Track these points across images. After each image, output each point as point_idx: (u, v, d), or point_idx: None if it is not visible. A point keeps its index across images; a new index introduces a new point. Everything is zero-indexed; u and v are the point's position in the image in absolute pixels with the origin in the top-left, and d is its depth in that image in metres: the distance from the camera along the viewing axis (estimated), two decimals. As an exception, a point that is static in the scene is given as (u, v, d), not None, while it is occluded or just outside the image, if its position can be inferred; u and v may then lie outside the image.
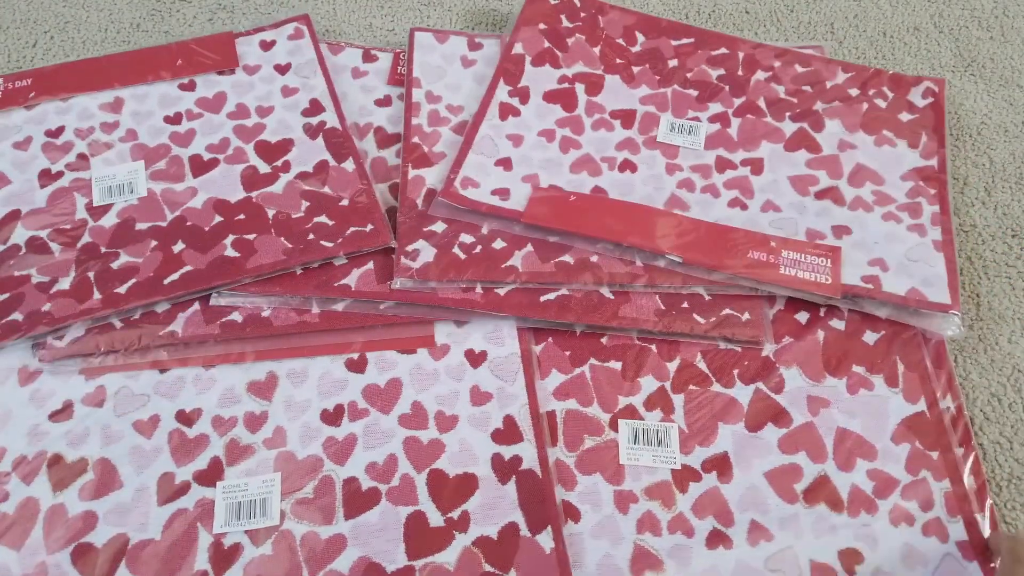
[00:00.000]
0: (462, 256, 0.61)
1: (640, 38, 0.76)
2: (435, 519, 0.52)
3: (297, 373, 0.58)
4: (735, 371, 0.58)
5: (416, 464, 0.54)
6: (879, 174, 0.67)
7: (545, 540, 0.51)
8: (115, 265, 0.61)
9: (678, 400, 0.57)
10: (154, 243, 0.62)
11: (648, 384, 0.58)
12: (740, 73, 0.74)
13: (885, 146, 0.69)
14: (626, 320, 0.59)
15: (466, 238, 0.62)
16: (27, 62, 0.77)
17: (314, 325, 0.59)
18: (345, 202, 0.64)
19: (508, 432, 0.55)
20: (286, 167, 0.67)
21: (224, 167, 0.67)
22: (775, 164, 0.68)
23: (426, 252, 0.61)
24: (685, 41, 0.76)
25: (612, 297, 0.60)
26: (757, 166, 0.68)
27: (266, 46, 0.75)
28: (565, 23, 0.77)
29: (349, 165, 0.66)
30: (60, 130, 0.69)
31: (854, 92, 0.72)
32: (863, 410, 0.56)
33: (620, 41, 0.76)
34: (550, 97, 0.71)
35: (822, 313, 0.60)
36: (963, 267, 0.65)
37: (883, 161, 0.68)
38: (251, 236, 0.62)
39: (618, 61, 0.74)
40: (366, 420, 0.55)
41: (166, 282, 0.59)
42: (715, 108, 0.71)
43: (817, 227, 0.64)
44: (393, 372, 0.58)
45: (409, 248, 0.61)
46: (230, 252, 0.61)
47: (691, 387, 0.58)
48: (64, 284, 0.60)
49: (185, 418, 0.55)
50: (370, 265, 0.61)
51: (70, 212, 0.64)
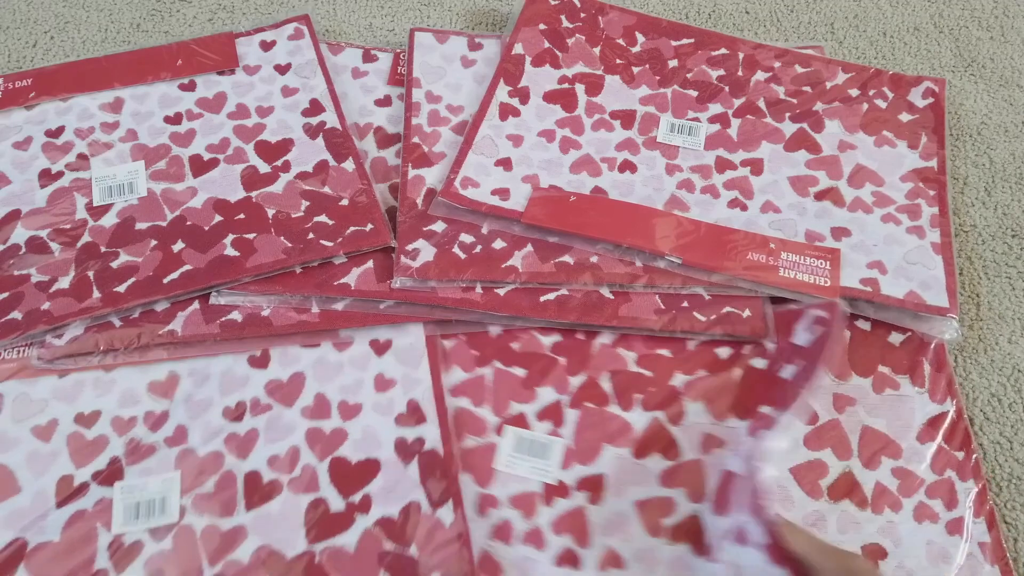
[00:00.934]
0: (462, 256, 0.61)
1: (640, 38, 0.76)
2: (336, 504, 0.52)
3: (199, 372, 0.58)
4: (638, 396, 0.57)
5: (318, 453, 0.54)
6: (879, 175, 0.67)
7: (445, 514, 0.51)
8: (115, 264, 0.61)
9: (572, 415, 0.56)
10: (154, 242, 0.62)
11: (546, 395, 0.57)
12: (740, 73, 0.74)
13: (885, 147, 0.69)
14: (626, 320, 0.59)
15: (466, 238, 0.62)
16: (27, 62, 0.77)
17: (314, 325, 0.59)
18: (345, 202, 0.64)
19: (412, 415, 0.55)
20: (286, 167, 0.67)
21: (224, 167, 0.67)
22: (775, 165, 0.68)
23: (426, 251, 0.61)
24: (685, 41, 0.76)
25: (612, 297, 0.60)
26: (757, 167, 0.68)
27: (266, 46, 0.75)
28: (565, 23, 0.77)
29: (349, 165, 0.66)
30: (60, 130, 0.69)
31: (854, 92, 0.72)
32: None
33: (620, 41, 0.76)
34: (550, 97, 0.71)
35: (745, 351, 0.59)
36: (963, 267, 0.65)
37: (883, 162, 0.68)
38: (251, 235, 0.62)
39: (618, 61, 0.74)
40: (268, 415, 0.56)
41: (166, 281, 0.59)
42: (715, 109, 0.71)
43: (816, 229, 0.64)
44: (296, 366, 0.58)
45: (409, 247, 0.61)
46: (230, 251, 0.61)
47: (588, 404, 0.57)
48: (64, 283, 0.60)
49: (84, 420, 0.55)
50: (369, 264, 0.61)
51: (70, 212, 0.64)
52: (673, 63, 0.75)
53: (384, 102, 0.73)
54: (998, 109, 0.75)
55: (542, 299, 0.60)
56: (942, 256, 0.62)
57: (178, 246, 0.62)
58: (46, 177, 0.66)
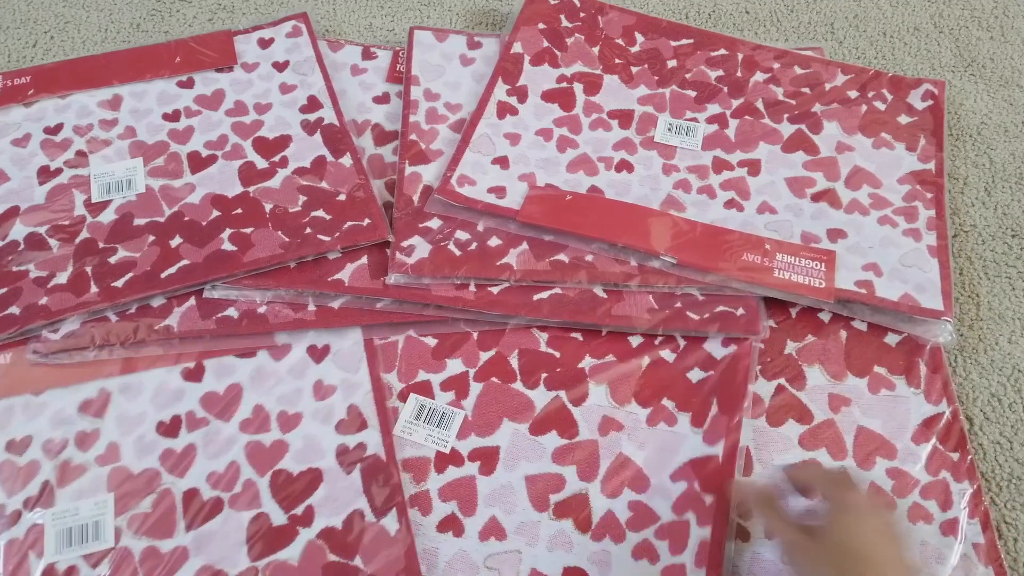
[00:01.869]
0: (457, 253, 0.61)
1: (639, 38, 0.76)
2: (278, 518, 0.52)
3: (131, 387, 0.56)
4: (543, 375, 0.58)
5: (258, 468, 0.53)
6: (876, 176, 0.67)
7: (390, 523, 0.51)
8: (113, 260, 0.61)
9: (476, 388, 0.57)
10: (151, 238, 0.62)
11: (454, 367, 0.58)
12: (739, 74, 0.74)
13: (883, 148, 0.69)
14: (619, 319, 0.59)
15: (461, 235, 0.62)
16: (27, 62, 0.77)
17: (310, 323, 0.59)
18: (342, 196, 0.64)
19: (352, 421, 0.55)
20: (284, 163, 0.67)
21: (222, 163, 0.67)
22: (772, 165, 0.68)
23: (421, 248, 0.61)
24: (684, 42, 0.76)
25: (606, 296, 0.60)
26: (754, 167, 0.67)
27: (264, 44, 0.75)
28: (564, 23, 0.77)
29: (347, 160, 0.67)
30: (59, 127, 0.69)
31: (853, 94, 0.72)
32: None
33: (619, 41, 0.76)
34: (548, 96, 0.71)
35: (656, 341, 0.59)
36: (963, 267, 0.65)
37: (881, 164, 0.68)
38: (248, 230, 0.62)
39: (617, 61, 0.74)
40: (206, 429, 0.55)
41: (163, 276, 0.60)
42: (713, 109, 0.71)
43: (813, 230, 0.63)
44: (232, 377, 0.57)
45: (404, 244, 0.61)
46: (227, 246, 0.61)
47: (494, 379, 0.57)
48: (62, 278, 0.60)
49: (15, 447, 0.54)
50: (364, 260, 0.61)
51: (69, 209, 0.64)
52: (672, 63, 0.75)
53: (382, 99, 0.73)
54: (998, 109, 0.74)
55: (536, 297, 0.60)
56: (938, 259, 0.62)
57: (175, 241, 0.62)
58: (45, 174, 0.66)
